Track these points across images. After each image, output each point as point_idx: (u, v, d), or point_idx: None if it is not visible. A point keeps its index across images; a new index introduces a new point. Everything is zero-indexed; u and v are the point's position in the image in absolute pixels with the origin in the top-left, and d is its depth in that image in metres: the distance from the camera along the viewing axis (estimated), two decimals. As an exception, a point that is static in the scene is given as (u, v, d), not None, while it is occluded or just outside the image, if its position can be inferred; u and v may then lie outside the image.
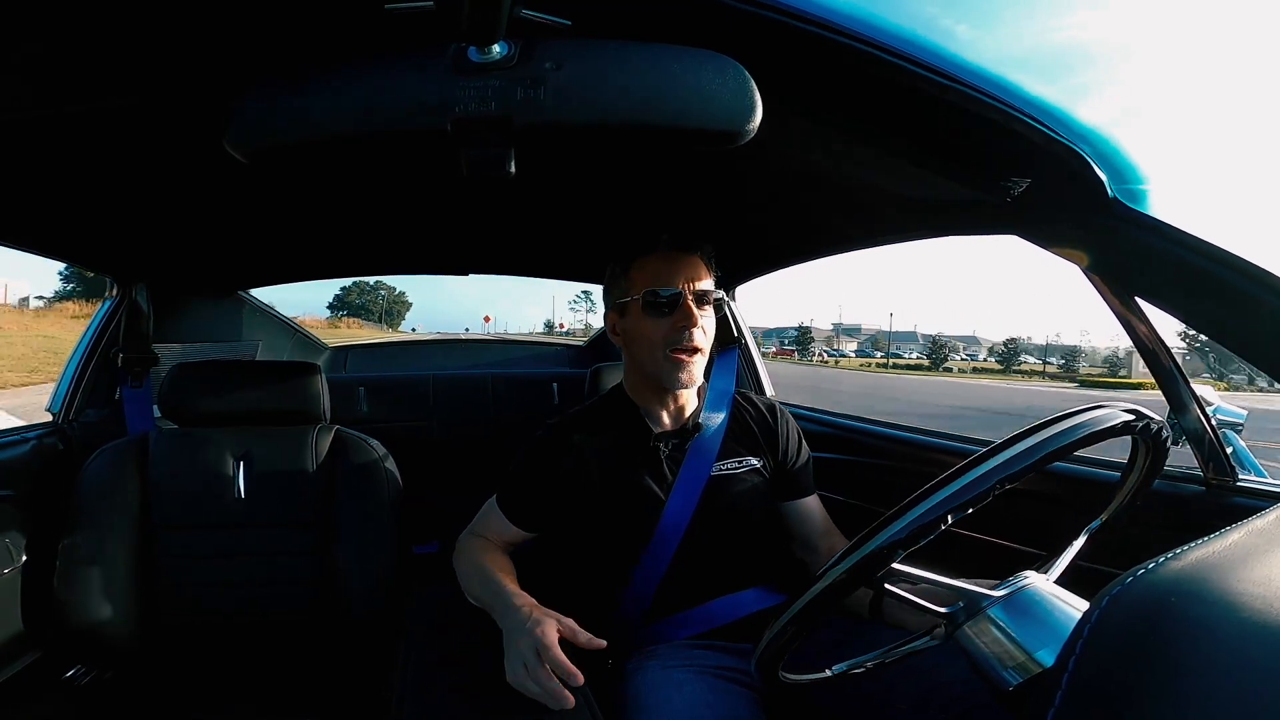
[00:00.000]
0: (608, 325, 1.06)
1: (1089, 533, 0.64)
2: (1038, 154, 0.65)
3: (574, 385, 2.37)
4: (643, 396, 1.02)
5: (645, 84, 0.49)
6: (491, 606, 0.84)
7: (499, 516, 1.01)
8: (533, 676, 0.70)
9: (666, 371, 0.95)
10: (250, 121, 0.51)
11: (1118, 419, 0.54)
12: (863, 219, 1.13)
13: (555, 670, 0.70)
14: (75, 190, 0.98)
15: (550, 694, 0.69)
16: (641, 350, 0.97)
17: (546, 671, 0.70)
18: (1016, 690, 0.48)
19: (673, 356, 0.94)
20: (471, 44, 0.48)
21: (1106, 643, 0.26)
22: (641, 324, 0.96)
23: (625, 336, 1.01)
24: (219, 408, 1.20)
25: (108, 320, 1.52)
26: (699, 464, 0.97)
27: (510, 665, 0.73)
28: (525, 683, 0.70)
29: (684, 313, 0.94)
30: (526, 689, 0.70)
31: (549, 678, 0.69)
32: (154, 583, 1.15)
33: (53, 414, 1.44)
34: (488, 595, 0.87)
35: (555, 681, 0.69)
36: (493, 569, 0.91)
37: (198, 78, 0.63)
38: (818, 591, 0.54)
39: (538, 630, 0.72)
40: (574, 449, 0.98)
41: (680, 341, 0.93)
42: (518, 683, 0.71)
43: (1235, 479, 0.83)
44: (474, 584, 0.92)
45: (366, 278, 33.25)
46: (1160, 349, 0.85)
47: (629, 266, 0.99)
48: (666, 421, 1.01)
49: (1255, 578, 0.29)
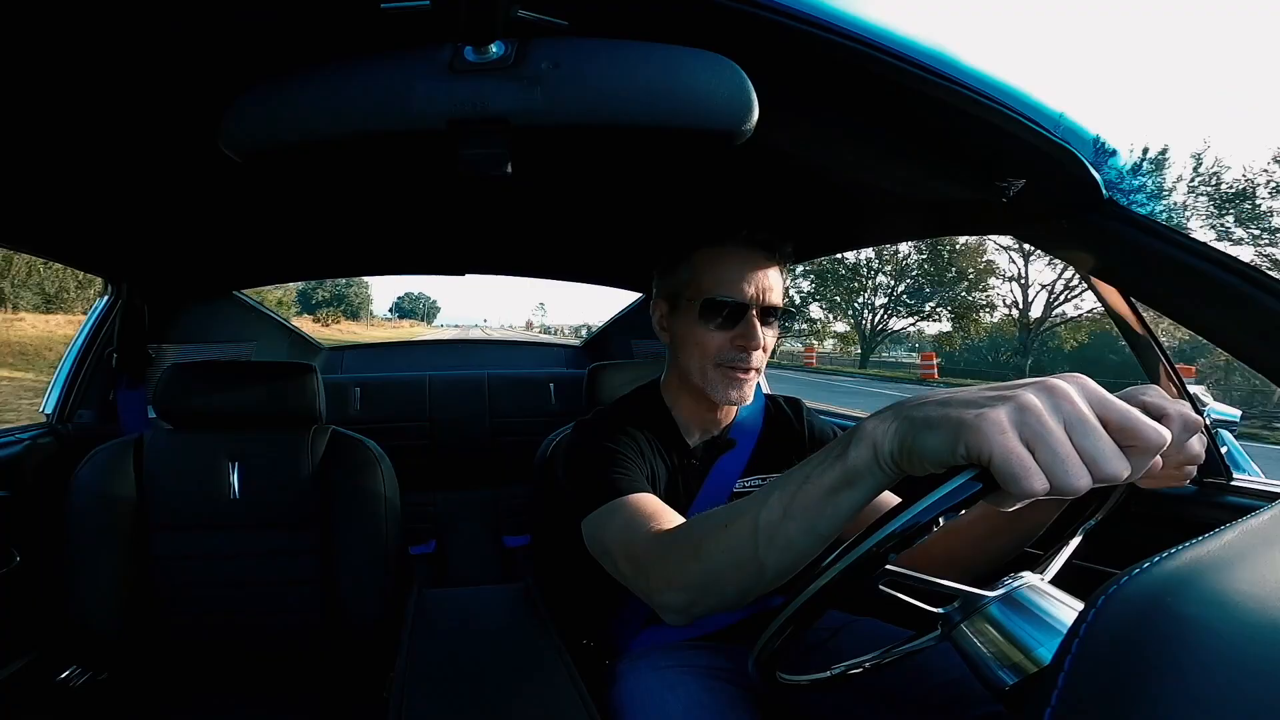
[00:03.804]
0: (655, 314, 0.93)
1: (1085, 532, 0.64)
2: (1033, 155, 0.65)
3: (571, 386, 2.38)
4: (680, 402, 0.92)
5: (642, 84, 0.49)
6: (800, 469, 0.48)
7: (628, 502, 0.72)
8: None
9: (716, 385, 0.84)
10: (244, 122, 0.51)
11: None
12: (858, 219, 1.13)
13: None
14: (68, 189, 0.97)
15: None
16: (690, 357, 0.86)
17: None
18: (1013, 690, 0.49)
19: (726, 373, 0.83)
20: (468, 44, 0.48)
21: (1102, 642, 0.27)
22: (695, 329, 0.84)
23: (673, 335, 0.89)
24: (214, 409, 1.20)
25: (102, 320, 1.52)
26: (721, 483, 0.91)
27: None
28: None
29: (748, 330, 0.82)
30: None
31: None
32: (149, 584, 1.15)
33: (47, 415, 1.43)
34: (758, 493, 0.53)
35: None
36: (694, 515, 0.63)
37: (192, 77, 0.62)
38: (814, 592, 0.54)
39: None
40: (610, 446, 0.85)
41: (736, 359, 0.83)
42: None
43: (1229, 479, 0.83)
44: (722, 517, 0.55)
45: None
46: (1155, 349, 0.86)
47: (692, 257, 0.86)
48: (698, 432, 0.92)
49: (1250, 577, 0.29)
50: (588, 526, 0.74)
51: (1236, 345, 0.69)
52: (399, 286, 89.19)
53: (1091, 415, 0.37)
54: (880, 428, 0.43)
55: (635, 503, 0.71)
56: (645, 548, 0.64)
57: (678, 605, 0.58)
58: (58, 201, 1.01)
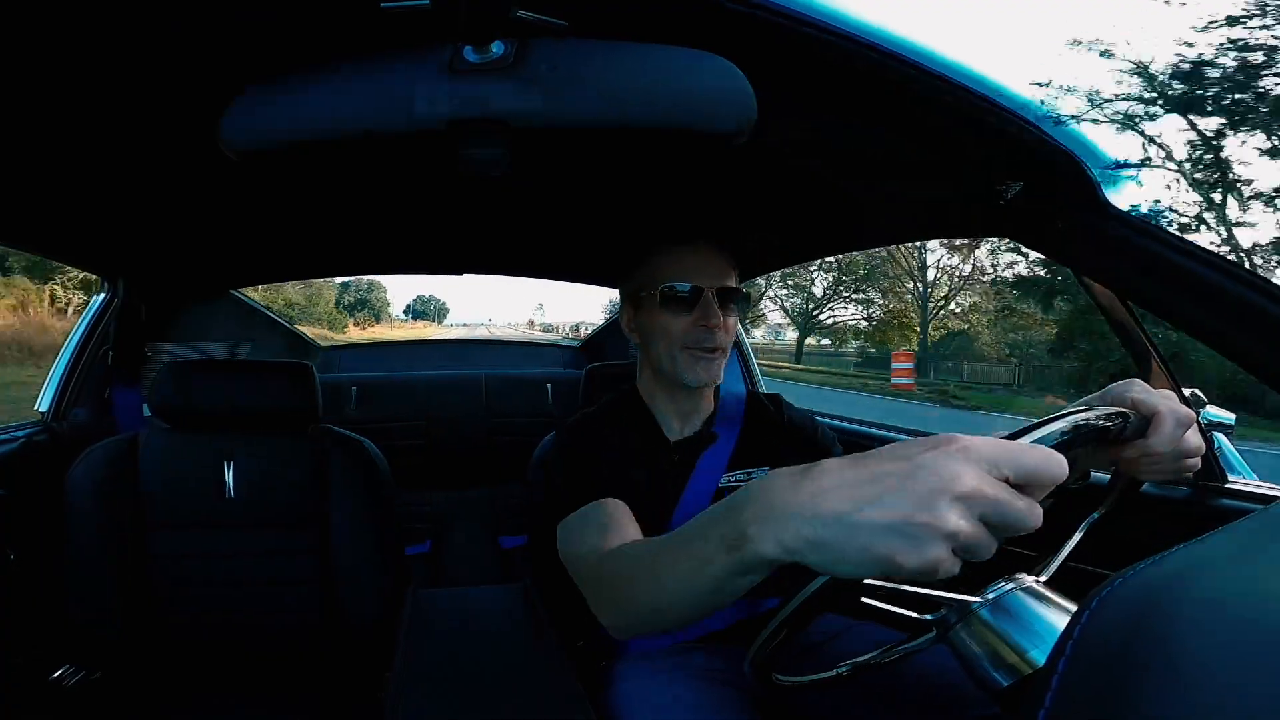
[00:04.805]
0: (623, 320, 1.00)
1: (1082, 532, 0.64)
2: (1031, 157, 0.65)
3: (568, 386, 2.37)
4: (656, 398, 0.97)
5: (641, 85, 0.49)
6: (710, 530, 0.47)
7: (594, 508, 0.77)
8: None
9: (685, 368, 0.89)
10: (243, 121, 0.51)
11: (1129, 415, 0.55)
12: (856, 220, 1.13)
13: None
14: (66, 187, 0.97)
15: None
16: (658, 346, 0.91)
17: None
18: (1007, 690, 0.49)
19: (692, 354, 0.89)
20: (468, 44, 0.48)
21: (1096, 644, 0.27)
22: (659, 319, 0.90)
23: (641, 332, 0.96)
24: (210, 407, 1.19)
25: (98, 318, 1.51)
26: (707, 477, 0.93)
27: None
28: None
29: (705, 311, 0.88)
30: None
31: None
32: (144, 583, 1.14)
33: (42, 412, 1.43)
34: (662, 548, 0.56)
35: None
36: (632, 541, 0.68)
37: (191, 75, 0.62)
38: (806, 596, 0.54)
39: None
40: (589, 451, 0.91)
41: (700, 340, 0.88)
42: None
43: (1224, 481, 0.84)
44: (637, 565, 0.59)
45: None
46: (1152, 353, 0.86)
47: (647, 258, 0.94)
48: (679, 427, 0.96)
49: (1244, 579, 0.29)
50: (559, 534, 0.80)
51: (1238, 352, 0.69)
52: (411, 291, 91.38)
53: (997, 491, 0.35)
54: (769, 545, 0.40)
55: (596, 517, 0.76)
56: (589, 573, 0.70)
57: (615, 628, 0.63)
58: (55, 198, 1.01)
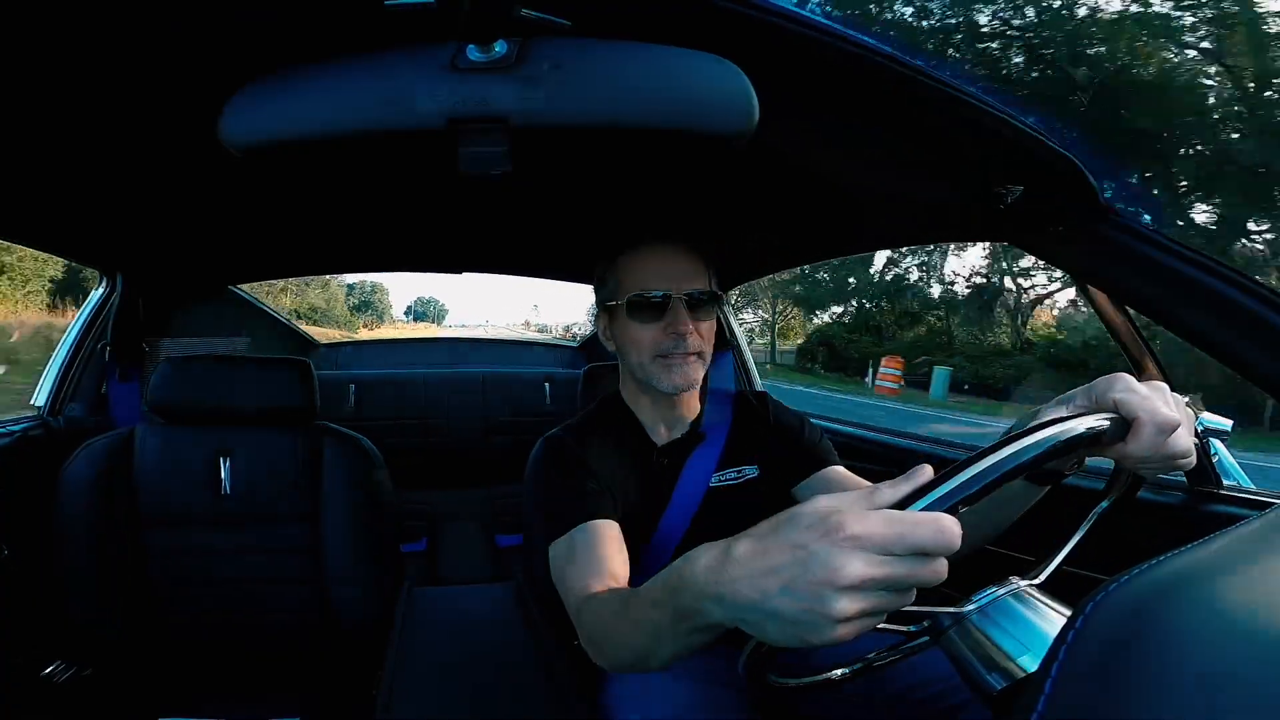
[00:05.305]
0: (599, 329, 0.99)
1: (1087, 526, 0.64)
2: (1030, 161, 0.65)
3: (567, 385, 2.37)
4: (639, 404, 0.96)
5: (643, 86, 0.49)
6: (664, 600, 0.51)
7: (580, 533, 0.78)
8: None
9: (657, 376, 0.88)
10: (244, 117, 0.51)
11: (1105, 425, 0.55)
12: (857, 223, 1.13)
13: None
14: (65, 182, 0.96)
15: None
16: (630, 356, 0.91)
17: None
18: (1001, 695, 0.49)
19: (663, 362, 0.88)
20: (470, 42, 0.48)
21: (1089, 649, 0.27)
22: (629, 329, 0.89)
23: (616, 341, 0.95)
24: (207, 403, 1.19)
25: (96, 313, 1.51)
26: (696, 479, 0.93)
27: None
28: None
29: (675, 318, 0.86)
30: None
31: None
32: (139, 578, 1.14)
33: (38, 407, 1.42)
34: (631, 607, 0.59)
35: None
36: (619, 591, 0.69)
37: (193, 72, 0.62)
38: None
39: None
40: (575, 464, 0.91)
41: (671, 349, 0.87)
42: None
43: (1219, 487, 0.84)
44: (616, 620, 0.62)
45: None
46: (1149, 359, 0.86)
47: (615, 265, 0.92)
48: (665, 431, 0.96)
49: (1238, 585, 0.30)
50: (550, 556, 0.80)
51: (1237, 360, 0.69)
52: (411, 293, 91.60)
53: (886, 572, 0.38)
54: (716, 616, 0.45)
55: (582, 549, 0.77)
56: (574, 613, 0.72)
57: (607, 667, 0.65)
58: (54, 193, 1.01)
